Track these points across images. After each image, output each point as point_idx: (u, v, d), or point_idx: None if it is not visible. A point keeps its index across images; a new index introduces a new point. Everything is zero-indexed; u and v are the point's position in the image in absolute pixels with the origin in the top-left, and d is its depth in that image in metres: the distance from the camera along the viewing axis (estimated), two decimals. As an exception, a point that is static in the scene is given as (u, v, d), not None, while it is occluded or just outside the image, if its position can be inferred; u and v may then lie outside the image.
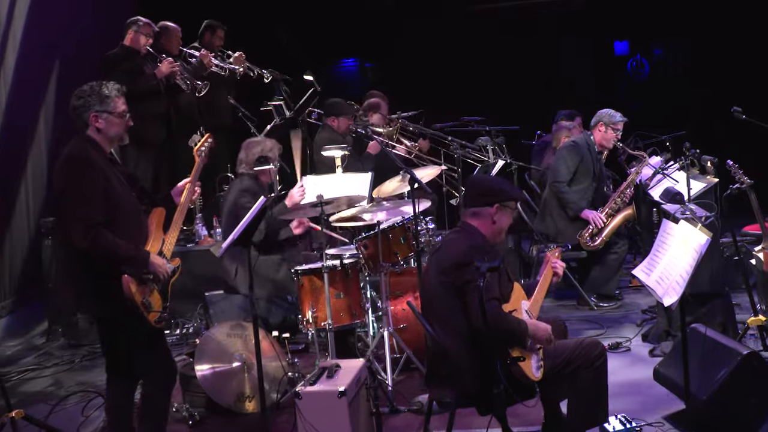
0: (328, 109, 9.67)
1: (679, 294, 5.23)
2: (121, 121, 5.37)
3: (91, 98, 5.28)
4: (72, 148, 5.24)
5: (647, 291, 5.78)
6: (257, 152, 7.77)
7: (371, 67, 15.35)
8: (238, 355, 6.68)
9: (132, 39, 9.53)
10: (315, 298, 7.04)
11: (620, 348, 7.53)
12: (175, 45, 10.22)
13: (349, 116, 9.59)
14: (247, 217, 5.62)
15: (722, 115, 8.57)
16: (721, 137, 11.76)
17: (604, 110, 9.16)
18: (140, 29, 9.54)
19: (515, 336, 5.04)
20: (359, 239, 7.40)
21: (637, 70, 15.29)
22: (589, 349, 5.31)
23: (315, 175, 8.39)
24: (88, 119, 5.28)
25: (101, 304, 5.25)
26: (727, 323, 7.14)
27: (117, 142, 5.46)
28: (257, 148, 7.84)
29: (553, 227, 9.12)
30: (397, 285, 7.50)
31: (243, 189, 7.65)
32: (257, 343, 5.62)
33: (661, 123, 10.95)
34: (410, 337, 7.21)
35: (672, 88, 14.23)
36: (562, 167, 9.09)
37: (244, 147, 7.93)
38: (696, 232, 5.26)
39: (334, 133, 9.40)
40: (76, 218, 5.06)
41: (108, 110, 5.30)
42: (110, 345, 5.53)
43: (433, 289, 5.22)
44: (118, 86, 5.40)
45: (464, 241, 5.22)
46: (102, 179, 5.14)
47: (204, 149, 5.99)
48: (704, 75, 13.97)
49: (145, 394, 5.54)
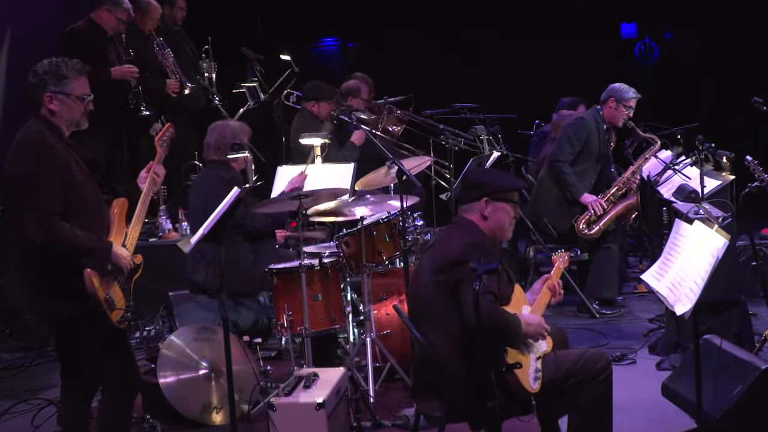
0: (308, 92, 9.66)
1: (693, 302, 5.24)
2: (78, 105, 5.32)
3: (47, 76, 5.24)
4: (26, 131, 5.21)
5: (653, 298, 5.81)
6: (228, 137, 7.71)
7: (354, 48, 15.33)
8: (205, 361, 6.68)
9: (103, 17, 9.45)
10: (290, 300, 7.03)
11: (625, 360, 7.56)
12: (149, 25, 10.17)
13: (331, 101, 9.59)
14: (218, 209, 5.60)
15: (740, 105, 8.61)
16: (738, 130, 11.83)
17: (616, 84, 9.20)
18: (114, 9, 9.45)
19: (508, 332, 5.04)
20: (340, 236, 7.40)
21: (645, 55, 15.31)
22: (593, 362, 5.32)
23: (291, 165, 8.38)
24: (42, 99, 5.24)
25: (60, 301, 5.22)
26: (743, 334, 7.18)
27: (73, 127, 5.42)
28: (227, 132, 7.79)
29: (546, 210, 9.15)
30: (381, 287, 7.51)
31: (214, 179, 7.60)
32: (227, 348, 5.60)
33: (671, 113, 10.97)
34: (395, 345, 7.21)
35: (684, 74, 14.22)
36: (565, 145, 9.12)
37: (213, 131, 7.85)
38: (712, 233, 5.27)
39: (313, 119, 9.40)
40: (29, 208, 5.04)
41: (64, 91, 5.26)
42: (67, 347, 5.50)
43: (426, 290, 5.21)
44: (80, 65, 5.36)
45: (460, 237, 5.22)
46: (60, 165, 5.12)
47: (165, 139, 5.98)
48: (720, 61, 13.98)
49: (104, 402, 5.52)
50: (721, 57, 13.94)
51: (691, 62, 14.41)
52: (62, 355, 5.58)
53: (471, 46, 14.25)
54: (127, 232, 5.47)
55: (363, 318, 7.23)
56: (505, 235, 5.42)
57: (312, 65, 13.23)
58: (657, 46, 15.28)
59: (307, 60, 13.02)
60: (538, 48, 14.03)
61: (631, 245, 11.03)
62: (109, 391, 5.51)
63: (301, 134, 8.59)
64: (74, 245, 5.11)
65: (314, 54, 15.12)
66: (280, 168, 8.30)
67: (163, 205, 9.70)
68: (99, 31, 9.41)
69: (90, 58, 8.83)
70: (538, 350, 5.28)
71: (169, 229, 9.62)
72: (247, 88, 10.25)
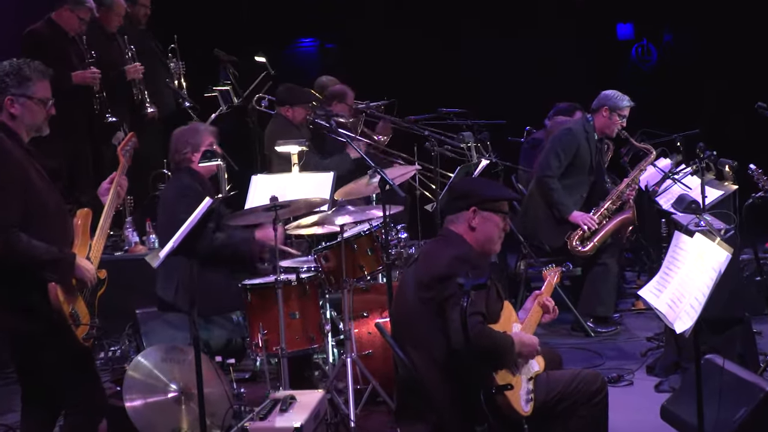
0: (282, 96, 9.66)
1: (693, 319, 5.25)
2: (40, 109, 5.33)
3: (8, 78, 5.25)
4: (-18, 137, 5.21)
5: (652, 315, 5.83)
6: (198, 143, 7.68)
7: (333, 49, 15.34)
8: (174, 383, 6.65)
9: (64, 17, 9.41)
10: (266, 318, 7.00)
11: (621, 381, 7.58)
12: (114, 22, 10.14)
13: (306, 105, 9.59)
14: (189, 221, 5.60)
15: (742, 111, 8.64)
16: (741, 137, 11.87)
17: (609, 92, 9.21)
18: (77, 9, 9.41)
19: (500, 353, 5.06)
20: (318, 250, 7.40)
21: (643, 58, 15.37)
22: (588, 383, 5.35)
23: (267, 174, 8.37)
24: (2, 103, 5.24)
25: (21, 318, 5.21)
26: (747, 354, 7.19)
27: (34, 133, 5.42)
28: (194, 137, 7.74)
29: (536, 226, 9.17)
30: (362, 304, 7.51)
31: (183, 188, 7.57)
32: (198, 370, 5.60)
33: (671, 120, 11.03)
34: (377, 366, 7.21)
35: (684, 78, 14.26)
36: (552, 159, 9.14)
37: (180, 136, 7.79)
38: (714, 247, 5.29)
39: (288, 125, 9.41)
40: (-15, 219, 5.04)
41: (27, 94, 5.27)
42: (29, 367, 5.48)
43: (410, 307, 5.23)
44: (43, 68, 5.37)
45: (447, 250, 5.24)
46: (19, 173, 5.12)
47: (128, 149, 5.99)
48: (722, 64, 14.02)
49: (67, 427, 5.51)
50: (723, 60, 13.98)
51: (691, 65, 14.44)
52: (23, 377, 5.56)
53: (458, 47, 14.27)
54: (91, 245, 5.46)
55: (343, 337, 7.22)
56: (494, 248, 5.43)
57: (288, 67, 13.26)
58: (655, 48, 15.33)
59: (283, 62, 13.04)
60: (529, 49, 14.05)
61: (629, 259, 11.04)
62: (73, 416, 5.50)
63: (277, 141, 8.59)
64: (34, 257, 5.10)
65: (291, 55, 15.13)
66: (254, 177, 8.28)
67: (129, 216, 9.67)
68: (60, 32, 9.36)
69: (50, 61, 8.83)
70: (530, 371, 5.29)
71: (136, 242, 9.59)
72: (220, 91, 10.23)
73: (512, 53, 13.99)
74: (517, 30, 14.18)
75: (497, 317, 5.22)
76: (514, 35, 14.08)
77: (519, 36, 14.11)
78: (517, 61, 13.97)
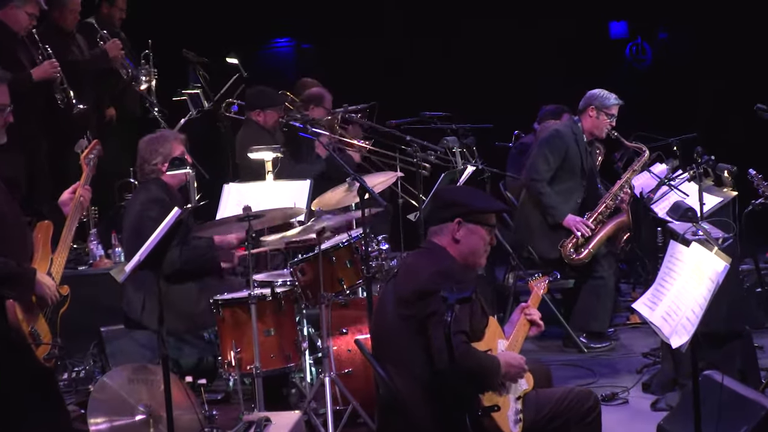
0: (252, 99, 9.66)
1: (690, 333, 5.26)
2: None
3: (-40, 86, 5.24)
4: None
5: (649, 329, 5.83)
6: (165, 151, 7.67)
7: (309, 49, 15.34)
8: (142, 405, 6.64)
9: (10, 15, 9.32)
10: (239, 335, 7.00)
11: (616, 399, 7.58)
12: (70, 20, 10.08)
13: (278, 108, 9.58)
14: (156, 233, 5.59)
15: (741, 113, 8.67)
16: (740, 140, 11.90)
17: (595, 90, 9.24)
18: (24, 5, 9.34)
19: (486, 376, 5.06)
20: (295, 263, 7.39)
21: (637, 57, 15.42)
22: (580, 401, 5.35)
23: (239, 183, 8.37)
24: (-46, 111, 5.23)
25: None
26: (748, 370, 7.21)
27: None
28: (162, 144, 7.73)
29: (531, 238, 9.18)
30: (341, 320, 7.49)
31: (150, 199, 7.57)
32: (168, 391, 5.59)
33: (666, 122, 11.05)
34: (357, 385, 7.19)
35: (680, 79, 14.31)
36: (540, 163, 9.16)
37: (147, 144, 7.78)
38: (712, 256, 5.30)
39: (260, 130, 9.40)
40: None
41: None
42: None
43: (389, 324, 5.22)
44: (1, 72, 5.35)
45: (429, 264, 5.23)
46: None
47: (92, 157, 5.98)
48: (719, 64, 14.06)
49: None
50: (721, 59, 14.01)
51: (687, 65, 14.47)
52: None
53: (441, 47, 14.28)
54: (53, 259, 5.45)
55: (321, 355, 7.23)
56: (478, 262, 5.43)
57: (263, 69, 13.24)
58: (650, 47, 15.37)
59: (256, 63, 13.03)
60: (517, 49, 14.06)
61: (623, 271, 11.05)
62: (36, 441, 5.48)
63: (250, 148, 8.57)
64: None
65: (265, 56, 15.11)
66: (226, 186, 8.28)
67: (93, 228, 9.62)
68: (8, 32, 9.25)
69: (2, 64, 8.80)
70: (518, 390, 5.29)
71: (101, 255, 9.55)
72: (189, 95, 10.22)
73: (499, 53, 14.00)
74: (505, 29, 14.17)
75: (481, 335, 5.22)
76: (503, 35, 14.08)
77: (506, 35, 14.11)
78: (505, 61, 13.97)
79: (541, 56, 14.20)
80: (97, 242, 9.60)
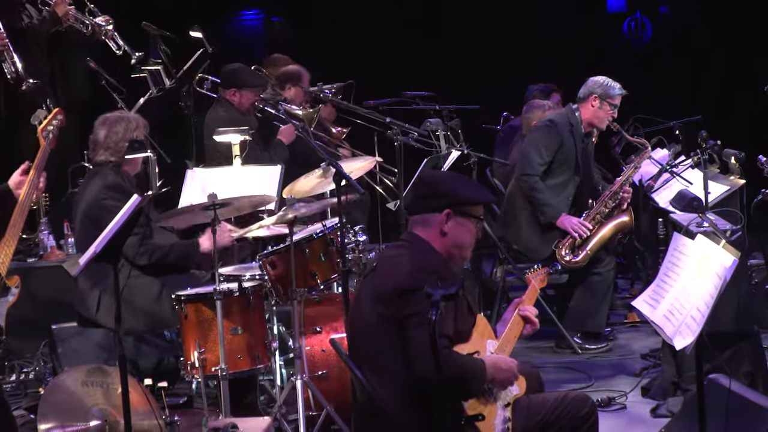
0: (228, 78, 9.63)
1: (695, 334, 5.27)
2: None
3: None
4: None
5: (649, 329, 5.85)
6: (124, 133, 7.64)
7: (280, 22, 15.31)
8: (96, 410, 6.63)
9: None
10: (203, 334, 7.00)
11: (613, 405, 7.60)
12: None
13: (257, 89, 9.55)
14: (114, 223, 5.57)
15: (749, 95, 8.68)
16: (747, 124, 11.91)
17: (599, 78, 9.18)
18: None
19: (469, 382, 5.06)
20: (264, 255, 7.38)
21: (636, 33, 15.43)
22: (575, 407, 5.35)
23: (205, 168, 8.35)
24: None
25: None
26: (757, 373, 7.23)
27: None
28: (120, 126, 7.69)
29: (518, 235, 9.17)
30: (315, 317, 7.50)
31: (107, 185, 7.54)
32: (125, 395, 5.57)
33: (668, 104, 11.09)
34: (332, 388, 7.20)
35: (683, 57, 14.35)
36: (534, 156, 9.13)
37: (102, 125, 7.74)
38: (719, 250, 5.31)
39: (233, 111, 9.38)
40: None
41: None
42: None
43: (367, 323, 5.21)
44: None
45: (409, 259, 5.20)
46: None
47: (52, 129, 5.94)
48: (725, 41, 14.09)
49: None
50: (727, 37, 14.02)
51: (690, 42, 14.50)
52: None
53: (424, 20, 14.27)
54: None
55: (293, 356, 7.22)
56: (464, 254, 5.41)
57: (229, 43, 13.22)
58: (650, 22, 15.38)
59: (222, 37, 12.99)
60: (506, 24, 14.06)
61: (621, 265, 11.04)
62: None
63: (217, 129, 8.56)
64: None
65: (232, 30, 15.08)
66: (189, 171, 8.26)
67: (44, 217, 9.58)
68: None
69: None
70: (507, 396, 5.29)
71: (53, 246, 9.51)
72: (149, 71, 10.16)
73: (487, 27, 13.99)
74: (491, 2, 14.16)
75: (468, 336, 5.21)
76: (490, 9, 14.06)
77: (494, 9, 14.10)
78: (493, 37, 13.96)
79: (532, 32, 14.19)
80: (48, 232, 9.55)
